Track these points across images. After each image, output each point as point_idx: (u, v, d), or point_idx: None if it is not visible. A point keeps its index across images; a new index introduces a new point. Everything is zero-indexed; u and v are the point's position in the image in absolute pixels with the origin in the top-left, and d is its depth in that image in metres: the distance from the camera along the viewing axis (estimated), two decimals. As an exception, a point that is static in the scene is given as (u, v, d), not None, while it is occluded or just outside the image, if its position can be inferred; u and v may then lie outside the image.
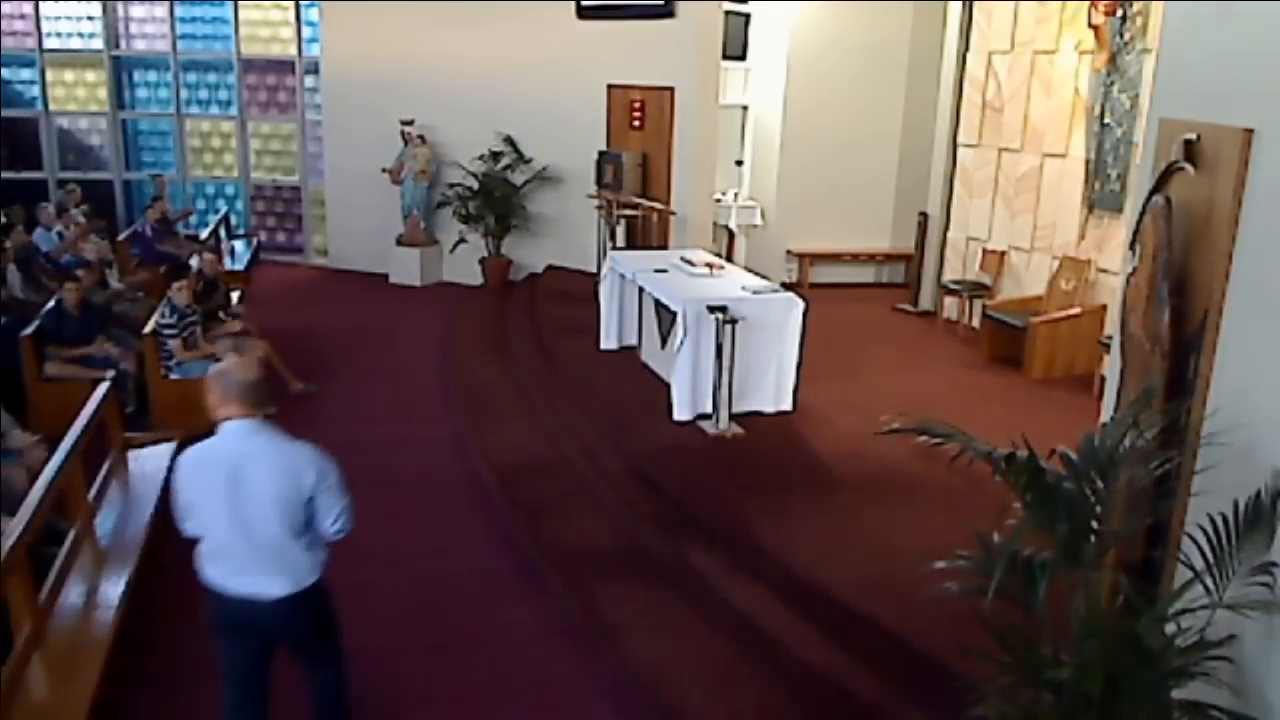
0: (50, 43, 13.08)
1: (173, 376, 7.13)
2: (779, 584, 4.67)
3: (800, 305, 6.57)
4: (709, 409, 6.32)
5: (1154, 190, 3.23)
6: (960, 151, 9.72)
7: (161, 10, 13.06)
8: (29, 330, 7.10)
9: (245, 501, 3.30)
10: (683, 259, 7.64)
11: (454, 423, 7.54)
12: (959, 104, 9.66)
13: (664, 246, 9.69)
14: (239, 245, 12.40)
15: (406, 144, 11.37)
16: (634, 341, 7.98)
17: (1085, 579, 2.78)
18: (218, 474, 3.32)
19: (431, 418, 7.65)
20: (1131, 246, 3.35)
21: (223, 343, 7.58)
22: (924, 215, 10.10)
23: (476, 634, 4.81)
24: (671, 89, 10.11)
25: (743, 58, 10.74)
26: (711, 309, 6.21)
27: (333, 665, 3.78)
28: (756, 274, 7.63)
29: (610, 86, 10.72)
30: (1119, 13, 7.53)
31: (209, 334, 7.69)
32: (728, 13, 10.16)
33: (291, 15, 12.86)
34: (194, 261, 8.87)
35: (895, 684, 3.97)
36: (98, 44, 13.11)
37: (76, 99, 13.44)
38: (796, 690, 4.19)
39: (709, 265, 7.43)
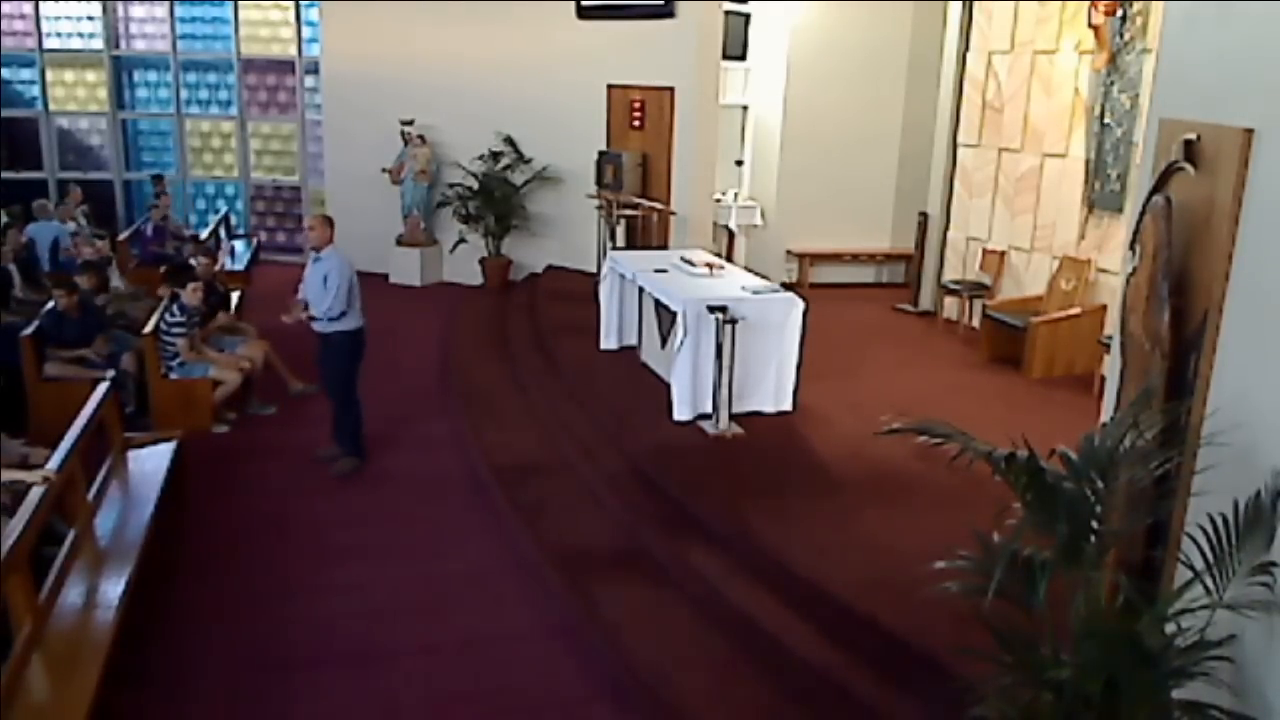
0: (50, 43, 13.09)
1: (173, 376, 7.13)
2: (779, 584, 4.67)
3: (800, 305, 6.57)
4: (709, 409, 6.32)
5: (1154, 190, 3.23)
6: (960, 151, 9.72)
7: (161, 10, 13.07)
8: (29, 330, 7.10)
9: None
10: (683, 259, 7.64)
11: (454, 423, 7.53)
12: (959, 104, 9.66)
13: (664, 246, 9.69)
14: (239, 245, 12.40)
15: (406, 144, 11.37)
16: (634, 341, 7.98)
17: (1085, 579, 2.78)
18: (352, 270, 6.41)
19: (431, 418, 7.65)
20: (1131, 246, 3.35)
21: (226, 354, 7.60)
22: (924, 215, 10.10)
23: (476, 634, 4.81)
24: (671, 89, 10.11)
25: (743, 58, 10.74)
26: (711, 309, 6.21)
27: None
28: (756, 274, 7.63)
29: (610, 86, 10.72)
30: (1119, 13, 7.53)
31: (205, 331, 7.69)
32: (728, 13, 10.17)
33: (291, 15, 12.88)
34: (193, 262, 8.87)
35: (895, 684, 3.97)
36: (98, 44, 13.12)
37: (76, 99, 13.44)
38: (796, 690, 4.19)
39: (709, 265, 7.42)
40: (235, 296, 9.05)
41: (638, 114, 10.50)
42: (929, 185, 10.12)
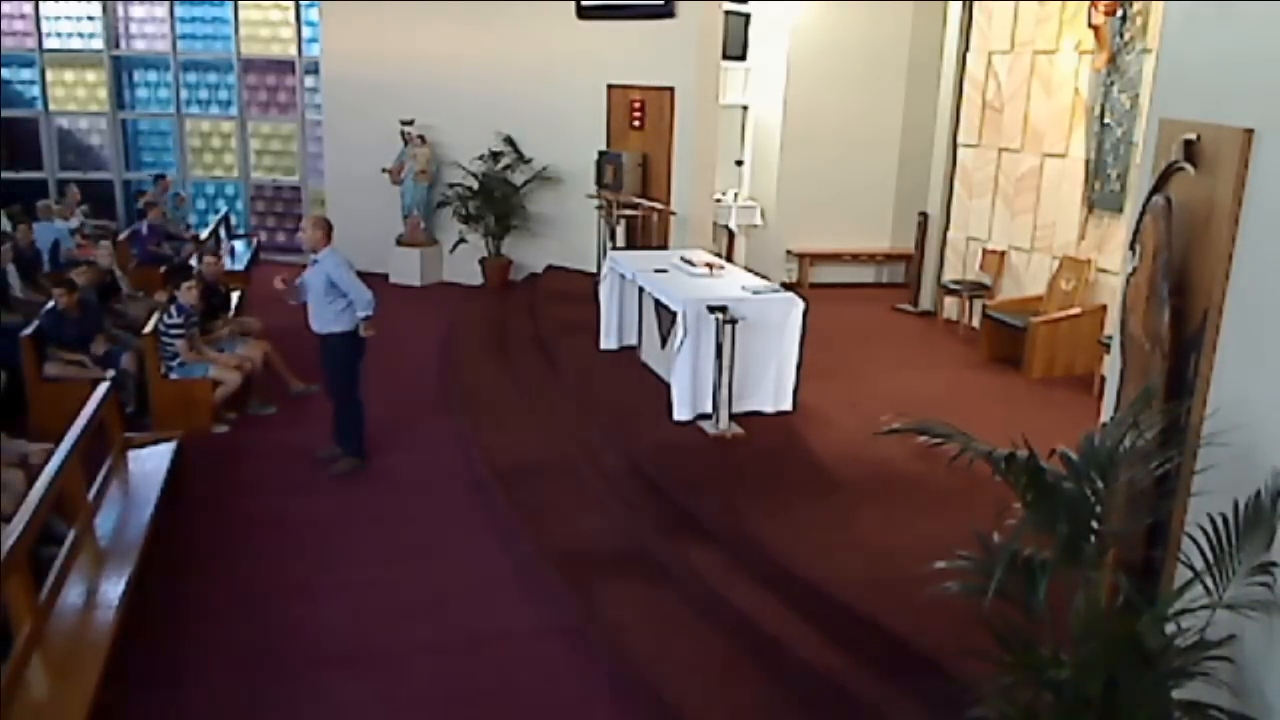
0: (50, 43, 13.09)
1: (173, 376, 7.13)
2: (779, 584, 4.67)
3: (800, 305, 6.57)
4: (709, 409, 6.31)
5: (1154, 190, 3.23)
6: (960, 151, 9.72)
7: (161, 10, 13.07)
8: (29, 330, 7.10)
9: None
10: (683, 259, 7.64)
11: (454, 423, 7.54)
12: (959, 104, 9.66)
13: (664, 246, 9.69)
14: (239, 245, 12.40)
15: (406, 144, 11.37)
16: (634, 341, 7.98)
17: (1085, 579, 2.78)
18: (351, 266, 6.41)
19: (431, 418, 7.65)
20: (1131, 246, 3.35)
21: (226, 354, 7.59)
22: (924, 215, 10.10)
23: (476, 634, 4.82)
24: (671, 89, 10.11)
25: (743, 58, 10.74)
26: (711, 309, 6.21)
27: None
28: (756, 274, 7.63)
29: (610, 86, 10.72)
30: (1119, 13, 7.53)
31: (206, 336, 7.69)
32: (728, 13, 10.17)
33: (291, 15, 12.88)
34: (194, 262, 8.87)
35: (895, 684, 3.97)
36: (98, 44, 13.12)
37: (76, 99, 13.44)
38: (796, 690, 4.19)
39: (709, 265, 7.42)
40: (235, 296, 9.04)
41: (638, 114, 10.50)
42: (929, 185, 10.12)
